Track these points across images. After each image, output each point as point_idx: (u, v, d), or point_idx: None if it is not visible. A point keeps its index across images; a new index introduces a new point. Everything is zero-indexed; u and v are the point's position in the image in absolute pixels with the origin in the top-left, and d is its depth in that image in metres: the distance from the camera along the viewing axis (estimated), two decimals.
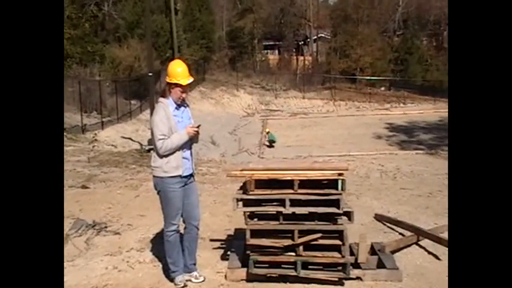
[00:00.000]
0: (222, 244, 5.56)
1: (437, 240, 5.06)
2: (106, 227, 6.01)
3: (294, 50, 47.80)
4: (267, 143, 26.57)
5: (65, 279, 4.59)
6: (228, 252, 5.06)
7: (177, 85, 4.12)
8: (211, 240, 5.70)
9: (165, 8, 32.08)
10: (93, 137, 13.52)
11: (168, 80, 4.16)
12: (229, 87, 36.14)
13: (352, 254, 4.93)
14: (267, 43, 47.99)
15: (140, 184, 8.59)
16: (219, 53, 40.88)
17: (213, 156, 22.99)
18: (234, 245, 5.13)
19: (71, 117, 18.63)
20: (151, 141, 12.14)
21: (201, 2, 37.72)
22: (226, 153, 25.02)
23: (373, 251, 5.04)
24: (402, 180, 10.50)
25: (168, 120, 4.09)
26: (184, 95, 4.20)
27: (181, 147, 4.15)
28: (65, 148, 12.59)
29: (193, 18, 35.85)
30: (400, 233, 5.87)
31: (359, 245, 5.04)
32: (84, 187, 8.31)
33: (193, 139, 4.28)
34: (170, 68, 4.19)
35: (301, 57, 46.71)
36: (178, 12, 33.27)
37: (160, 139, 4.05)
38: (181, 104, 4.23)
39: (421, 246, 5.41)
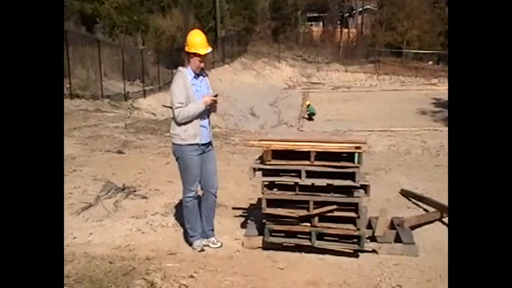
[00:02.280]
0: (243, 213, 5.68)
1: None
2: (135, 191, 6.23)
3: (339, 22, 46.81)
4: (307, 116, 26.45)
5: (91, 238, 4.90)
6: (248, 221, 5.19)
7: (195, 54, 4.20)
8: (234, 208, 5.84)
9: None
10: (131, 104, 13.87)
11: (186, 50, 4.24)
12: (271, 59, 35.93)
13: (370, 227, 4.98)
14: (311, 15, 47.17)
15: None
16: (261, 24, 40.52)
17: (252, 127, 23.18)
18: (254, 214, 5.25)
19: (115, 84, 19.09)
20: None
21: None
22: (265, 125, 25.12)
23: (392, 225, 5.04)
24: (444, 157, 10.28)
25: (185, 88, 4.18)
26: (202, 65, 4.27)
27: (199, 116, 4.25)
28: (106, 114, 13.01)
29: None
30: (425, 209, 5.83)
31: (378, 219, 5.07)
32: (119, 152, 8.59)
33: (211, 108, 4.37)
34: (189, 37, 4.26)
35: (346, 30, 45.72)
36: None
37: (178, 107, 4.16)
38: (199, 73, 4.31)
39: (444, 223, 5.37)
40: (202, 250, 4.59)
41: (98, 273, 3.88)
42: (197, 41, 4.21)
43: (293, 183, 4.45)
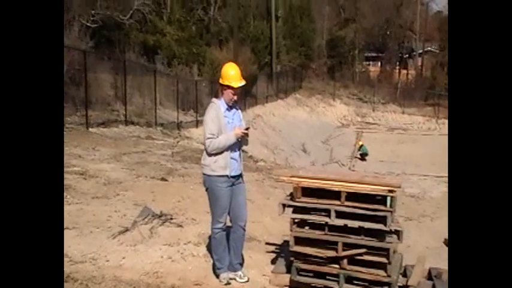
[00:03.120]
0: (276, 249, 5.63)
1: None
2: (171, 219, 6.32)
3: (398, 62, 46.39)
4: (359, 156, 26.12)
5: (122, 262, 4.99)
6: (278, 257, 5.13)
7: (229, 87, 4.28)
8: (267, 243, 5.80)
9: (266, 14, 32.74)
10: (178, 132, 14.25)
11: (220, 82, 4.33)
12: (326, 96, 36.01)
13: (405, 275, 4.79)
14: (369, 54, 47.10)
15: None
16: (317, 61, 40.85)
17: (303, 163, 23.11)
18: (285, 251, 5.18)
19: (169, 113, 19.69)
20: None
21: (302, 9, 38.02)
22: (316, 162, 24.99)
23: (429, 275, 4.83)
24: None
25: (218, 120, 4.26)
26: (235, 97, 4.34)
27: (229, 148, 4.30)
28: (156, 142, 13.39)
29: (294, 25, 36.25)
30: None
31: (414, 267, 4.88)
32: (163, 179, 8.78)
33: (242, 141, 4.42)
34: (223, 70, 4.36)
35: (404, 71, 45.18)
36: (279, 18, 33.80)
37: (209, 138, 4.23)
38: (232, 105, 4.39)
39: None
40: (229, 283, 4.56)
41: None
42: (231, 74, 4.30)
43: (323, 223, 4.38)
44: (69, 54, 13.90)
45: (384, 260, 4.22)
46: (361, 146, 26.04)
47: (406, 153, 26.63)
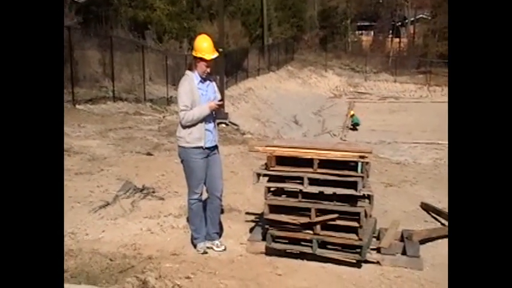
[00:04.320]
0: (255, 218, 5.69)
1: None
2: (153, 192, 6.38)
3: (390, 31, 46.03)
4: (351, 126, 26.16)
5: (102, 235, 5.05)
6: (256, 226, 5.20)
7: (202, 59, 4.27)
8: (247, 213, 5.86)
9: None
10: (164, 107, 14.24)
11: (193, 54, 4.32)
12: (318, 68, 35.82)
13: (379, 239, 4.88)
14: (362, 23, 46.65)
15: None
16: (309, 32, 40.51)
17: (295, 135, 23.16)
18: (263, 220, 5.25)
19: (159, 89, 19.59)
20: (219, 116, 12.40)
21: None
22: (308, 134, 25.01)
23: (402, 238, 4.92)
24: None
25: (191, 92, 4.27)
26: (208, 69, 4.34)
27: (204, 120, 4.32)
28: (144, 117, 13.38)
29: None
30: (442, 224, 5.65)
31: (387, 230, 4.97)
32: (148, 154, 8.82)
33: (216, 113, 4.43)
34: (196, 42, 4.34)
35: (397, 39, 44.89)
36: None
37: (183, 110, 4.25)
38: (206, 77, 4.38)
39: None
40: (206, 253, 4.64)
41: (95, 269, 4.01)
42: (204, 46, 4.29)
43: (297, 190, 4.43)
44: None
45: (355, 224, 4.30)
46: (352, 115, 26.03)
47: (397, 122, 26.66)
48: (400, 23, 46.93)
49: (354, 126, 25.62)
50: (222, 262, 4.48)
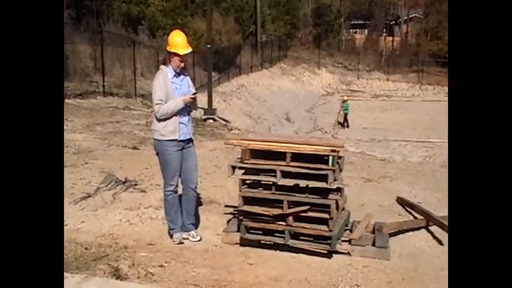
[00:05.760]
0: (234, 210, 5.79)
1: (441, 225, 4.96)
2: (136, 185, 6.48)
3: (384, 30, 46.21)
4: (340, 120, 26.27)
5: (81, 226, 5.16)
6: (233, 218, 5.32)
7: (175, 54, 4.38)
8: (226, 206, 5.97)
9: None
10: None
11: (167, 49, 4.43)
12: (311, 65, 35.95)
13: (352, 231, 5.01)
14: (356, 22, 46.82)
15: None
16: (303, 30, 40.63)
17: (286, 132, 23.26)
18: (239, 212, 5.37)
19: (151, 84, 19.62)
20: (207, 111, 12.57)
21: None
22: (299, 131, 25.13)
23: (373, 230, 5.05)
24: None
25: (165, 86, 4.38)
26: (182, 64, 4.45)
27: (178, 113, 4.43)
28: (133, 112, 13.45)
29: None
30: (415, 217, 5.79)
31: (360, 223, 5.10)
32: (134, 148, 8.91)
33: (191, 106, 4.54)
34: (170, 37, 4.45)
35: (390, 38, 45.08)
36: None
37: (157, 104, 4.36)
38: (180, 72, 4.49)
39: (429, 231, 5.32)
40: (181, 243, 4.75)
41: (69, 257, 4.11)
42: (178, 41, 4.40)
43: (270, 183, 4.55)
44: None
45: (325, 215, 4.42)
46: (345, 101, 26.11)
47: (389, 120, 26.89)
48: (393, 22, 47.14)
49: (345, 116, 25.68)
50: (197, 252, 4.60)
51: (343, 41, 43.30)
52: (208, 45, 14.96)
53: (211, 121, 13.64)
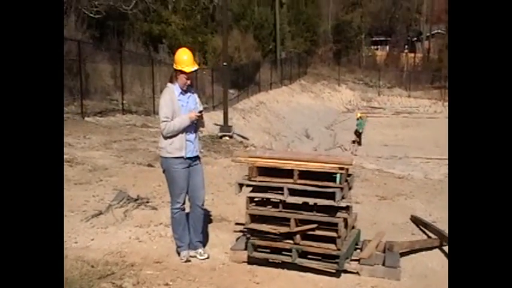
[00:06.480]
0: (244, 228, 5.76)
1: None
2: (148, 202, 6.49)
3: (406, 46, 45.95)
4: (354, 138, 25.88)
5: (90, 243, 5.16)
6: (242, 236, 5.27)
7: (182, 72, 4.41)
8: (236, 223, 5.93)
9: (271, 0, 32.63)
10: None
11: (174, 67, 4.46)
12: (331, 82, 35.89)
13: (362, 249, 4.92)
14: (376, 38, 46.70)
15: None
16: (323, 46, 40.68)
17: (305, 149, 23.15)
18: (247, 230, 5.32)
19: None
20: (223, 129, 12.54)
21: None
22: (319, 147, 24.98)
23: (385, 249, 4.95)
24: None
25: (172, 103, 4.40)
26: (189, 82, 4.47)
27: (184, 130, 4.43)
28: (150, 130, 13.56)
29: (299, 11, 36.05)
30: (429, 236, 5.65)
31: (370, 241, 5.01)
32: (149, 165, 8.95)
33: (197, 123, 4.55)
34: (176, 55, 4.49)
35: (412, 54, 44.78)
36: (284, 5, 33.64)
37: (164, 121, 4.38)
38: (187, 89, 4.51)
39: (443, 251, 5.19)
40: (189, 261, 4.72)
41: (75, 275, 4.11)
42: (184, 59, 4.43)
43: (277, 200, 4.51)
44: (67, 44, 14.10)
45: (333, 234, 4.35)
46: (359, 118, 25.64)
47: (410, 137, 26.54)
48: (415, 38, 46.84)
49: (357, 132, 25.22)
50: (204, 270, 4.56)
51: (363, 58, 43.17)
52: (225, 63, 15.04)
53: (227, 138, 13.64)
